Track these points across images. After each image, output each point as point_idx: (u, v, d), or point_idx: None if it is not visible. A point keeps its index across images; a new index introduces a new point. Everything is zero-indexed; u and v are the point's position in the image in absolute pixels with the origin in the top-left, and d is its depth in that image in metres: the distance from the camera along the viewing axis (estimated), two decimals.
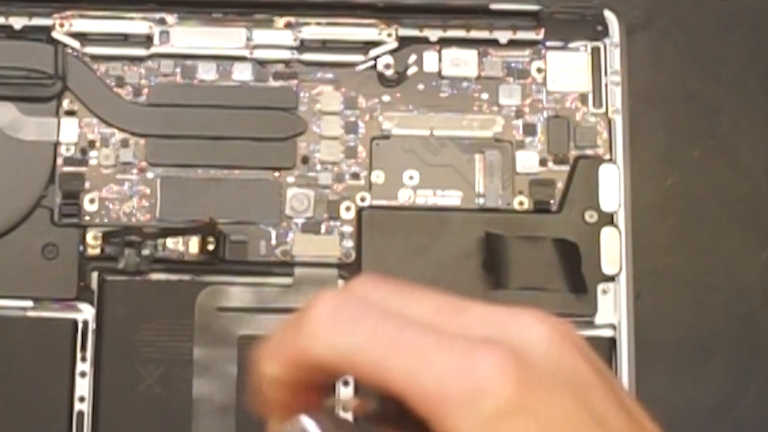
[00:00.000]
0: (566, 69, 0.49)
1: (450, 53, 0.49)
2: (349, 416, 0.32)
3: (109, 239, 0.47)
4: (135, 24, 0.48)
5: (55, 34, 0.48)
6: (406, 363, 0.28)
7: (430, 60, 0.49)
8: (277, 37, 0.49)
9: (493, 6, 0.49)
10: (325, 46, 0.49)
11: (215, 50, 0.48)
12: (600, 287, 0.47)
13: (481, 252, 0.47)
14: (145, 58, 0.48)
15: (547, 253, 0.47)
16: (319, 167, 0.48)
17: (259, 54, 0.49)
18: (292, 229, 0.47)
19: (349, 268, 0.47)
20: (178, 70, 0.48)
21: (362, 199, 0.48)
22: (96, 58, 0.48)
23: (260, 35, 0.49)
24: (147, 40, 0.48)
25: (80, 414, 0.46)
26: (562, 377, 0.28)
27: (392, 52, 0.49)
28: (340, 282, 0.48)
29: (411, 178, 0.48)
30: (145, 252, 0.46)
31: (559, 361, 0.28)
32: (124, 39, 0.48)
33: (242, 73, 0.48)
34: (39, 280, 0.47)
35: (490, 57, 0.49)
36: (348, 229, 0.48)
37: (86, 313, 0.46)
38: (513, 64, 0.49)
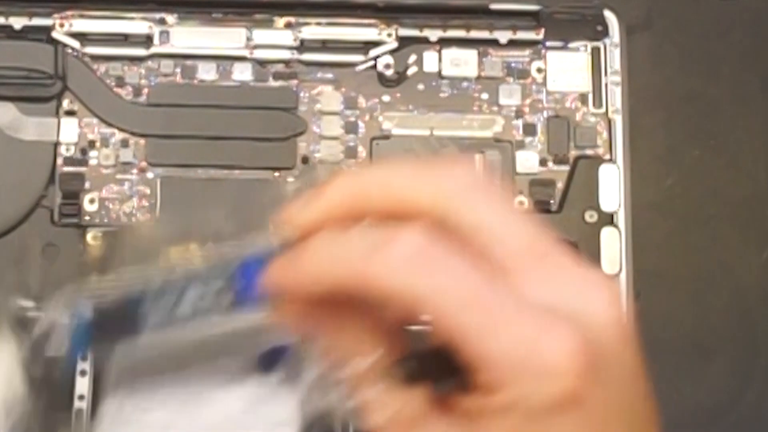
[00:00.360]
0: (566, 69, 0.49)
1: (450, 53, 0.49)
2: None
3: (109, 239, 0.47)
4: (135, 24, 0.48)
5: (55, 34, 0.48)
6: (481, 323, 0.28)
7: (430, 60, 0.49)
8: (277, 37, 0.49)
9: (493, 6, 0.49)
10: (325, 46, 0.49)
11: (215, 50, 0.48)
12: None
13: None
14: (145, 58, 0.48)
15: None
16: (319, 167, 0.48)
17: (259, 54, 0.49)
18: None
19: None
20: (178, 70, 0.48)
21: None
22: (96, 58, 0.48)
23: (260, 35, 0.49)
24: (147, 40, 0.48)
25: (80, 412, 0.46)
26: (619, 372, 0.29)
27: (392, 52, 0.49)
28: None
29: None
30: None
31: (621, 353, 0.29)
32: (124, 39, 0.48)
33: (242, 73, 0.48)
34: (39, 280, 0.47)
35: (490, 57, 0.49)
36: None
37: None
38: (513, 64, 0.49)
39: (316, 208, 0.31)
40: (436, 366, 0.30)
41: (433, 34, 0.49)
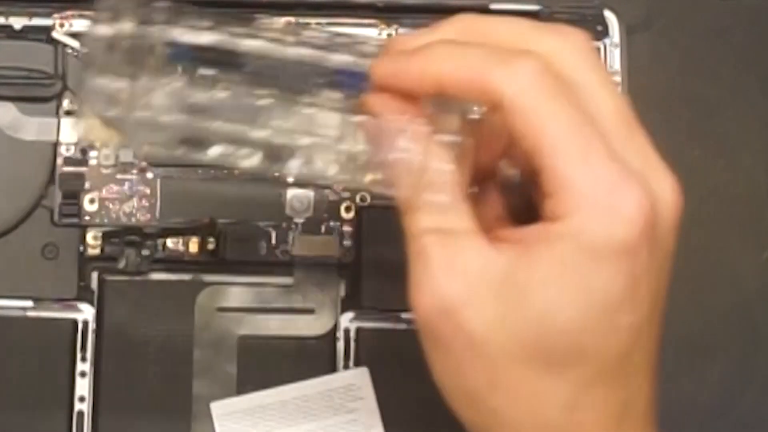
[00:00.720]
0: None
1: None
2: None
3: (109, 239, 0.47)
4: None
5: (55, 34, 0.48)
6: (578, 150, 0.31)
7: None
8: None
9: (493, 6, 0.49)
10: None
11: None
12: None
13: None
14: None
15: None
16: None
17: None
18: (292, 229, 0.47)
19: (349, 268, 0.47)
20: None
21: (362, 199, 0.48)
22: None
23: None
24: None
25: (80, 414, 0.46)
26: (664, 250, 0.33)
27: None
28: (340, 282, 0.47)
29: None
30: (145, 252, 0.47)
31: (671, 236, 0.33)
32: None
33: None
34: (39, 280, 0.47)
35: None
36: (348, 229, 0.48)
37: (86, 313, 0.46)
38: None
39: (429, 36, 0.34)
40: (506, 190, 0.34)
41: None
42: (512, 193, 0.35)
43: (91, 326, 0.46)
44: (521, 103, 0.31)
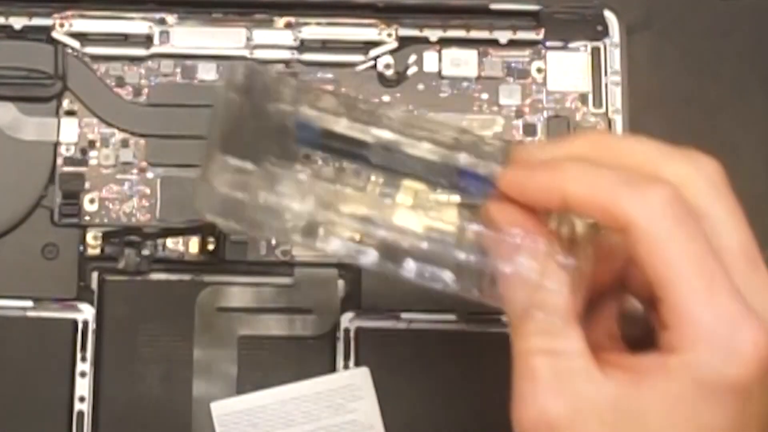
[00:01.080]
0: (566, 69, 0.49)
1: (450, 53, 0.49)
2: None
3: (109, 239, 0.47)
4: (135, 24, 0.48)
5: (55, 34, 0.48)
6: (700, 285, 0.31)
7: (430, 60, 0.49)
8: (277, 37, 0.49)
9: (493, 6, 0.49)
10: (325, 46, 0.49)
11: (215, 50, 0.48)
12: None
13: None
14: (145, 58, 0.48)
15: None
16: None
17: (259, 54, 0.49)
18: None
19: (349, 268, 0.47)
20: (178, 70, 0.48)
21: None
22: (96, 58, 0.48)
23: (260, 35, 0.49)
24: (147, 40, 0.48)
25: (80, 414, 0.46)
26: None
27: (392, 52, 0.49)
28: (340, 282, 0.47)
29: None
30: (145, 252, 0.46)
31: None
32: (124, 39, 0.48)
33: None
34: (39, 280, 0.47)
35: (490, 57, 0.49)
36: None
37: (86, 313, 0.46)
38: (513, 64, 0.49)
39: (559, 149, 0.34)
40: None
41: (433, 34, 0.49)
42: (632, 325, 0.35)
43: (91, 326, 0.46)
44: (649, 231, 0.31)
